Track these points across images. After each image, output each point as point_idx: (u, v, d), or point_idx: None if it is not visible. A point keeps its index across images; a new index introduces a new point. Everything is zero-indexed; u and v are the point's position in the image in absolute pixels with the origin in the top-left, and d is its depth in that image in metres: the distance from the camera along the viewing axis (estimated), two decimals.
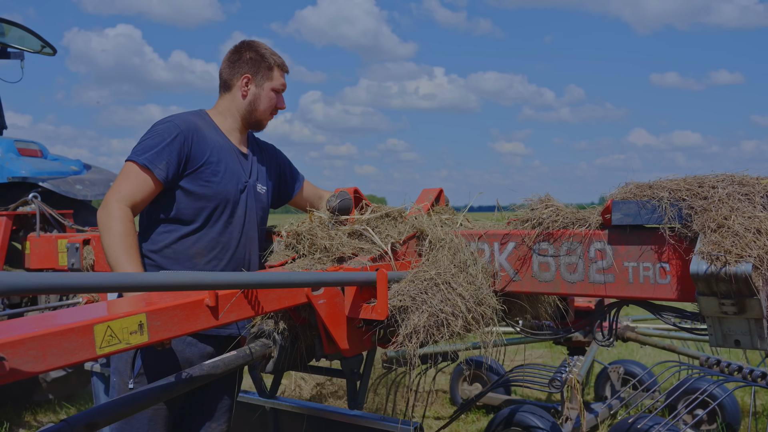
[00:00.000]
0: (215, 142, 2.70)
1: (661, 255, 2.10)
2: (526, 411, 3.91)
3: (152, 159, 2.53)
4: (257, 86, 2.80)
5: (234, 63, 2.81)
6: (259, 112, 2.82)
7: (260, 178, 2.88)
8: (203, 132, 2.67)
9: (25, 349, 1.47)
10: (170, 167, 2.55)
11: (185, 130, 2.60)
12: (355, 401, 2.94)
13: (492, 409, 5.27)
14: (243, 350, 2.45)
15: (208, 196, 2.64)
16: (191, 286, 1.77)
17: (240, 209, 2.74)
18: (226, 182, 2.68)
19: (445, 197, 3.00)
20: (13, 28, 5.51)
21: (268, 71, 2.81)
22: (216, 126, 2.78)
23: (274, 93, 2.83)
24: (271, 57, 2.82)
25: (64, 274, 1.39)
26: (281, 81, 2.85)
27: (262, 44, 2.86)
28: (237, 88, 2.80)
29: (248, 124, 2.86)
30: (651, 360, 6.53)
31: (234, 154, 2.77)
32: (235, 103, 2.81)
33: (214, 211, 2.66)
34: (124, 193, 2.49)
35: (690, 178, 2.10)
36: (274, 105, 2.85)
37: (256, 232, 2.83)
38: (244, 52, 2.82)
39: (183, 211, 2.63)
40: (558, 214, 2.31)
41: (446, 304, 2.19)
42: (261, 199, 2.87)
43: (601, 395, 5.40)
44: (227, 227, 2.70)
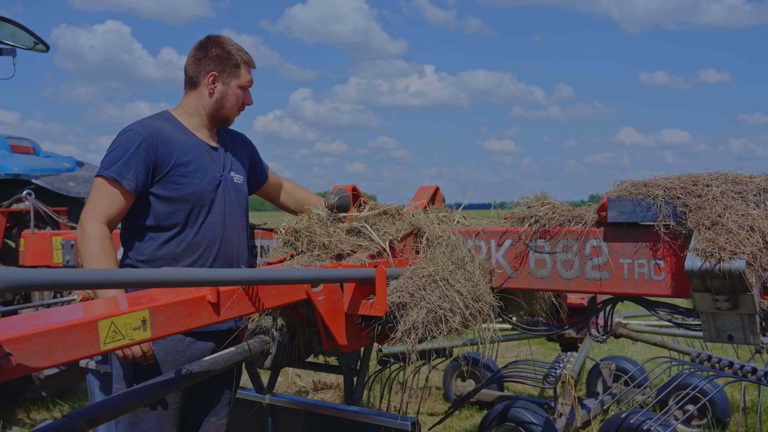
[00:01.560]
0: (182, 142, 2.68)
1: (655, 252, 2.13)
2: (520, 407, 3.95)
3: (119, 171, 2.52)
4: (224, 84, 2.76)
5: (200, 60, 2.77)
6: (226, 109, 2.80)
7: (235, 169, 2.87)
8: (168, 135, 2.65)
9: (31, 345, 1.48)
10: (139, 176, 2.55)
11: (148, 137, 2.58)
12: (352, 397, 2.97)
13: (486, 405, 5.31)
14: (241, 346, 2.47)
15: (182, 198, 2.63)
16: (193, 283, 1.79)
17: (218, 204, 2.73)
18: (199, 181, 2.67)
19: (441, 195, 3.03)
20: (6, 24, 5.48)
21: (235, 68, 2.77)
22: (181, 125, 2.76)
23: (241, 90, 2.81)
24: (237, 54, 2.77)
25: (67, 271, 1.41)
26: (248, 78, 2.82)
27: (229, 40, 2.82)
28: (203, 86, 2.77)
29: (215, 121, 2.83)
30: (643, 356, 6.60)
31: (204, 150, 2.75)
32: (201, 100, 2.78)
33: (191, 211, 2.66)
34: (97, 210, 2.50)
35: (684, 176, 2.13)
36: (241, 102, 2.82)
37: (239, 223, 2.83)
38: (210, 48, 2.77)
39: (160, 217, 2.62)
40: (554, 212, 2.34)
41: (444, 301, 2.21)
42: (240, 190, 2.87)
43: (593, 391, 5.45)
44: (208, 225, 2.70)
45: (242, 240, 2.85)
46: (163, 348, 2.60)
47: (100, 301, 1.93)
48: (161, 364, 2.62)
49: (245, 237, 2.88)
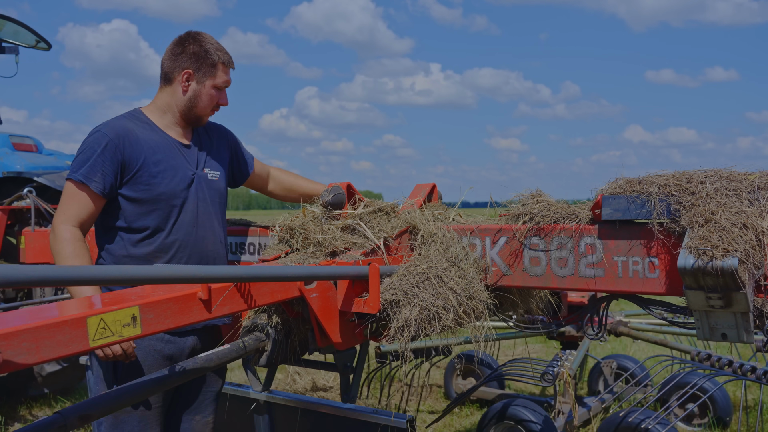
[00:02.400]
0: (151, 141, 2.63)
1: (650, 250, 2.12)
2: (519, 405, 3.94)
3: (86, 174, 2.49)
4: (198, 83, 2.69)
5: (176, 56, 2.69)
6: (198, 108, 2.72)
7: (210, 165, 2.81)
8: (135, 134, 2.60)
9: (19, 341, 1.48)
10: (106, 178, 2.51)
11: (114, 137, 2.54)
12: (348, 395, 2.96)
13: (486, 403, 5.30)
14: (236, 344, 2.47)
15: (151, 199, 2.59)
16: (184, 279, 1.79)
17: (191, 203, 2.67)
18: (169, 180, 2.61)
19: (438, 192, 3.02)
20: (8, 23, 5.50)
21: (211, 68, 2.69)
22: (152, 123, 2.70)
23: (216, 90, 2.73)
24: (215, 53, 2.70)
25: (54, 267, 1.41)
26: (224, 78, 2.74)
27: (208, 38, 2.74)
28: (177, 83, 2.70)
29: (187, 120, 2.75)
30: (644, 354, 6.57)
31: (175, 148, 2.69)
32: (174, 97, 2.71)
33: (162, 211, 2.61)
34: (68, 214, 2.49)
35: (679, 173, 2.12)
36: (215, 102, 2.75)
37: (214, 221, 2.78)
38: (188, 45, 2.70)
39: (131, 218, 2.59)
40: (549, 209, 2.33)
41: (437, 298, 2.21)
42: (215, 186, 2.80)
43: (594, 389, 5.44)
44: (179, 225, 2.65)
45: (218, 238, 2.80)
46: (142, 348, 2.58)
47: (93, 297, 1.93)
48: (141, 363, 2.60)
49: (222, 235, 2.84)
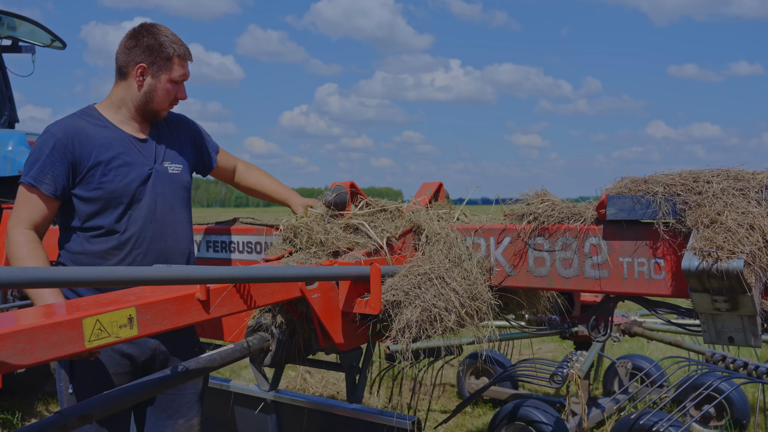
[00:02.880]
0: (103, 138, 2.55)
1: (655, 250, 2.08)
2: (530, 405, 3.90)
3: (36, 176, 2.45)
4: (153, 77, 2.59)
5: (130, 50, 2.59)
6: (155, 103, 2.63)
7: (170, 158, 2.72)
8: (86, 132, 2.52)
9: (13, 343, 1.49)
10: (57, 179, 2.46)
11: (63, 137, 2.47)
12: (354, 395, 2.95)
13: (499, 403, 5.26)
14: (240, 343, 2.47)
15: (104, 198, 2.52)
16: (182, 280, 1.79)
17: (147, 199, 2.59)
18: (122, 177, 2.54)
19: (445, 191, 2.99)
20: (24, 22, 5.56)
21: (166, 61, 2.58)
22: (105, 119, 2.61)
23: (173, 84, 2.62)
24: (170, 46, 2.59)
25: (44, 269, 1.41)
26: (181, 71, 2.63)
27: (164, 29, 2.64)
28: (132, 77, 2.59)
29: (144, 115, 2.66)
30: (661, 355, 6.49)
31: (129, 143, 2.61)
32: (130, 92, 2.62)
33: (116, 209, 2.54)
34: (21, 217, 2.45)
35: (686, 172, 2.07)
36: (172, 96, 2.65)
37: (176, 216, 2.70)
38: (141, 37, 2.59)
39: (85, 218, 2.53)
40: (553, 209, 2.29)
41: (439, 299, 2.19)
42: (177, 180, 2.72)
43: (609, 390, 5.38)
44: (135, 221, 2.57)
45: (179, 234, 2.72)
46: None
47: (91, 297, 1.92)
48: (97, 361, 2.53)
49: (184, 230, 2.75)
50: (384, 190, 22.04)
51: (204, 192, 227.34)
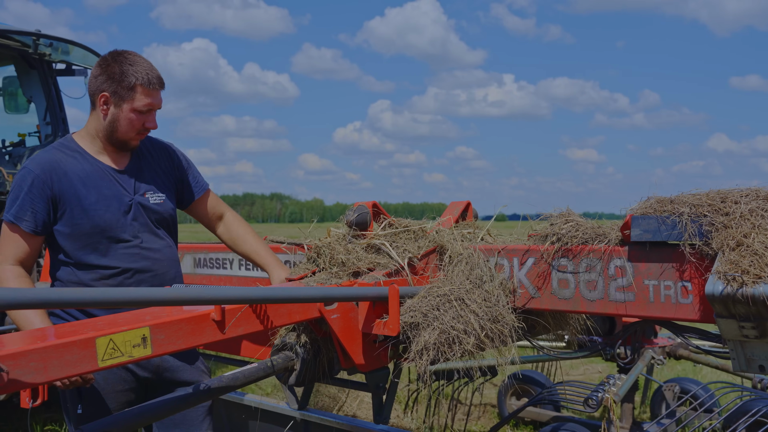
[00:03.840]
0: (80, 172, 2.51)
1: (682, 273, 2.00)
2: (568, 429, 3.79)
3: (16, 214, 2.43)
4: (116, 106, 2.49)
5: (96, 78, 2.51)
6: (119, 133, 2.53)
7: (151, 189, 2.65)
8: (63, 166, 2.49)
9: (26, 361, 1.53)
10: (37, 216, 2.44)
11: (41, 173, 2.44)
12: (381, 415, 2.92)
13: (540, 426, 5.14)
14: (264, 362, 2.47)
15: (86, 233, 2.48)
16: (198, 301, 1.81)
17: (129, 232, 2.55)
18: (102, 212, 2.50)
19: (474, 210, 2.95)
20: (76, 47, 5.81)
21: (128, 90, 2.47)
22: (83, 151, 2.57)
23: (137, 114, 2.51)
24: (133, 74, 2.47)
25: (55, 290, 1.45)
26: (145, 101, 2.50)
27: (130, 57, 2.53)
28: (98, 106, 2.52)
29: (113, 144, 2.58)
30: (714, 378, 6.23)
31: (108, 175, 2.56)
32: (98, 122, 2.54)
33: (99, 244, 2.50)
34: (6, 254, 2.45)
35: (713, 192, 1.99)
36: (138, 126, 2.53)
37: (161, 243, 2.66)
38: (107, 66, 2.50)
39: (70, 252, 2.50)
40: (577, 230, 2.24)
41: (458, 321, 2.15)
42: (158, 210, 2.65)
43: (657, 414, 5.18)
44: (120, 256, 2.53)
45: (169, 260, 2.68)
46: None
47: (107, 317, 1.94)
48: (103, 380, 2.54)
49: (173, 256, 2.72)
50: (437, 206, 21.90)
51: (259, 207, 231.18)
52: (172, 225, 2.75)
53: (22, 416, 5.48)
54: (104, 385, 2.53)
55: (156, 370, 2.65)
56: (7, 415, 5.56)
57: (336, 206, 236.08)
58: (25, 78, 6.02)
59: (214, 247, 3.26)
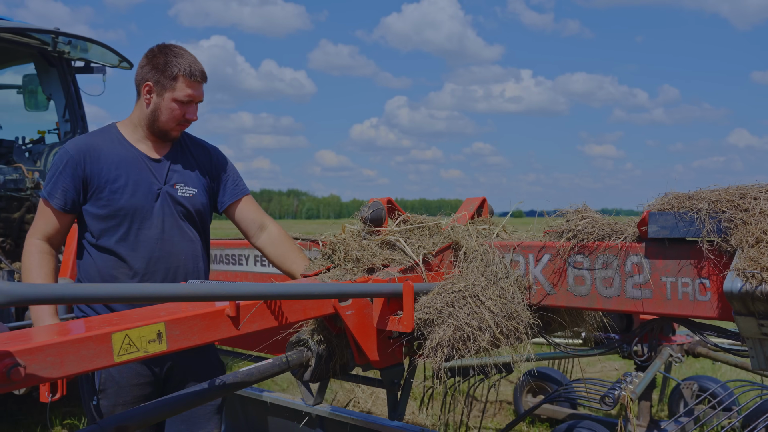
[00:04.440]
0: (116, 156, 2.60)
1: (700, 270, 1.97)
2: (584, 427, 3.77)
3: (50, 191, 2.55)
4: (158, 95, 2.59)
5: (142, 68, 2.63)
6: (160, 122, 2.63)
7: (183, 181, 2.71)
8: (100, 150, 2.59)
9: (44, 356, 1.54)
10: (67, 194, 2.54)
11: (75, 155, 2.55)
12: (395, 412, 2.92)
13: (556, 423, 5.11)
14: (279, 358, 2.48)
15: (112, 215, 2.56)
16: (213, 297, 1.81)
17: (156, 219, 2.62)
18: (129, 195, 2.58)
19: (489, 206, 2.93)
20: (95, 45, 5.86)
21: (171, 80, 2.57)
22: (122, 137, 2.67)
23: (178, 104, 2.60)
24: (176, 65, 2.57)
25: (71, 285, 1.45)
26: (186, 92, 2.59)
27: (176, 49, 2.63)
28: (142, 96, 2.63)
29: (154, 134, 2.68)
30: (733, 376, 6.16)
31: (142, 162, 2.64)
32: (141, 111, 2.65)
33: (125, 227, 2.58)
34: (36, 228, 2.56)
35: (732, 188, 1.97)
36: (178, 116, 2.62)
37: (185, 236, 2.70)
38: (153, 57, 2.62)
39: (97, 234, 2.58)
40: (594, 226, 2.22)
41: (473, 318, 2.14)
42: (186, 203, 2.70)
43: (675, 412, 5.13)
44: (144, 240, 2.60)
45: (190, 253, 2.71)
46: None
47: (122, 312, 1.95)
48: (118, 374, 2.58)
49: (195, 251, 2.74)
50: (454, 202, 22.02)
51: (276, 204, 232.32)
52: (200, 221, 2.78)
53: (41, 410, 5.55)
54: (120, 379, 2.57)
55: (172, 365, 2.68)
56: (27, 409, 5.64)
57: (353, 202, 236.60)
58: (45, 76, 6.09)
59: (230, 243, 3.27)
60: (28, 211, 5.48)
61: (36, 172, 5.52)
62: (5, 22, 5.54)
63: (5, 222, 5.47)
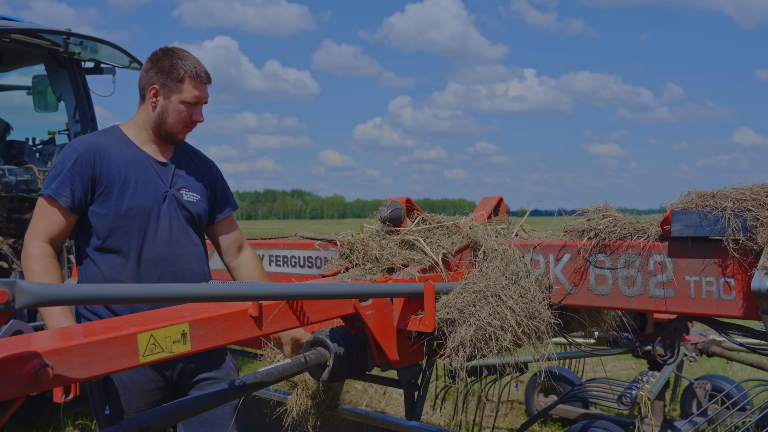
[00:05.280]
0: (123, 157, 2.57)
1: (725, 269, 1.96)
2: (599, 427, 3.76)
3: (56, 189, 2.46)
4: (165, 98, 2.58)
5: (147, 72, 2.61)
6: (167, 125, 2.62)
7: (187, 187, 2.71)
8: (107, 150, 2.55)
9: (71, 357, 1.54)
10: (76, 192, 2.47)
11: (85, 152, 2.49)
12: (413, 412, 2.91)
13: (568, 423, 5.10)
14: (297, 358, 2.47)
15: (120, 215, 2.51)
16: (236, 297, 1.81)
17: (163, 221, 2.59)
18: (139, 196, 2.54)
19: (506, 206, 2.93)
20: (105, 46, 5.86)
21: (177, 83, 2.56)
22: (127, 139, 2.64)
23: (186, 106, 2.59)
24: (182, 67, 2.56)
25: (96, 286, 1.45)
26: (193, 93, 2.59)
27: (180, 52, 2.62)
28: (147, 99, 2.61)
29: (161, 137, 2.66)
30: (745, 376, 6.14)
31: (148, 164, 2.62)
32: (147, 114, 2.63)
33: (132, 228, 2.54)
34: (38, 229, 2.46)
35: (757, 186, 1.95)
36: (186, 118, 2.61)
37: (190, 239, 2.68)
38: (158, 60, 2.60)
39: (102, 236, 2.52)
40: (615, 225, 2.21)
41: (495, 318, 2.13)
42: (191, 207, 2.69)
43: (687, 412, 5.12)
44: (151, 242, 2.57)
45: (196, 257, 2.69)
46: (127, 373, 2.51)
47: (145, 313, 1.95)
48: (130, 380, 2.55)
49: (200, 254, 2.73)
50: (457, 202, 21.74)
51: (280, 204, 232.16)
52: (200, 227, 2.78)
53: (54, 410, 5.56)
54: (131, 386, 2.53)
55: (183, 368, 2.65)
56: (39, 409, 5.64)
57: (356, 202, 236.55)
58: (55, 77, 6.09)
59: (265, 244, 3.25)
60: None
61: (47, 173, 5.53)
62: (16, 23, 5.55)
63: (17, 223, 5.47)
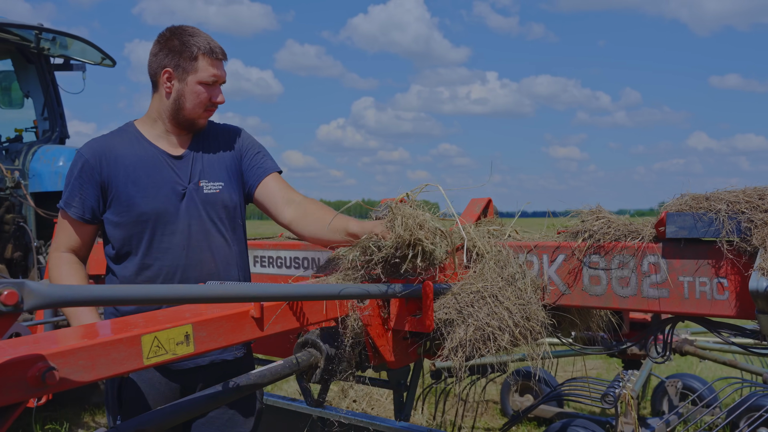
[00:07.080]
0: (132, 157, 2.39)
1: (718, 270, 2.01)
2: (579, 426, 3.82)
3: (66, 200, 2.37)
4: (180, 81, 2.37)
5: (156, 55, 2.39)
6: (186, 110, 2.40)
7: (208, 176, 2.47)
8: (116, 151, 2.38)
9: (75, 359, 1.50)
10: (85, 202, 2.35)
11: (90, 158, 2.35)
12: (402, 412, 2.92)
13: (543, 422, 5.17)
14: (289, 360, 2.46)
15: (132, 222, 2.36)
16: (236, 298, 1.79)
17: (181, 224, 2.39)
18: (150, 199, 2.36)
19: (494, 207, 2.95)
20: (76, 41, 5.73)
21: (191, 61, 2.34)
22: (140, 136, 2.45)
23: (204, 86, 2.38)
24: (195, 44, 2.35)
25: (103, 287, 1.42)
26: (210, 71, 2.38)
27: (189, 29, 2.41)
28: (161, 85, 2.40)
29: (180, 125, 2.45)
30: (711, 375, 6.31)
31: (162, 161, 2.42)
32: (161, 102, 2.42)
33: (145, 235, 2.37)
34: (58, 242, 2.40)
35: (750, 189, 2.01)
36: (205, 100, 2.40)
37: (214, 241, 2.47)
38: (167, 40, 2.38)
39: (118, 244, 2.39)
40: (610, 226, 2.24)
41: (493, 318, 2.15)
42: (213, 201, 2.46)
43: (658, 410, 5.24)
44: (166, 249, 2.39)
45: (220, 261, 2.48)
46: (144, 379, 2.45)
47: (147, 314, 1.93)
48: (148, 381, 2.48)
49: (225, 256, 2.50)
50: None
51: None
52: (230, 218, 2.52)
53: (23, 415, 5.41)
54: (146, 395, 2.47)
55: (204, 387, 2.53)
56: None
57: None
58: (23, 73, 5.95)
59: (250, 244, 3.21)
60: (8, 211, 5.35)
61: (16, 171, 5.39)
62: None
63: None
